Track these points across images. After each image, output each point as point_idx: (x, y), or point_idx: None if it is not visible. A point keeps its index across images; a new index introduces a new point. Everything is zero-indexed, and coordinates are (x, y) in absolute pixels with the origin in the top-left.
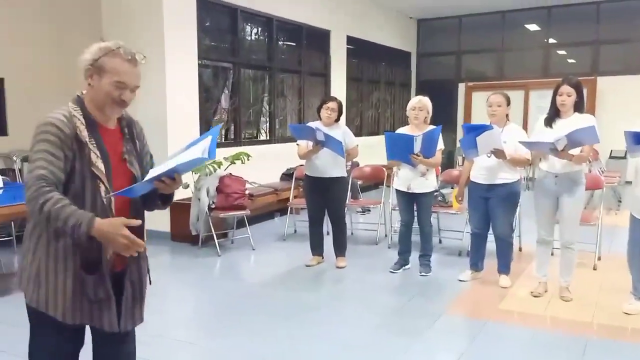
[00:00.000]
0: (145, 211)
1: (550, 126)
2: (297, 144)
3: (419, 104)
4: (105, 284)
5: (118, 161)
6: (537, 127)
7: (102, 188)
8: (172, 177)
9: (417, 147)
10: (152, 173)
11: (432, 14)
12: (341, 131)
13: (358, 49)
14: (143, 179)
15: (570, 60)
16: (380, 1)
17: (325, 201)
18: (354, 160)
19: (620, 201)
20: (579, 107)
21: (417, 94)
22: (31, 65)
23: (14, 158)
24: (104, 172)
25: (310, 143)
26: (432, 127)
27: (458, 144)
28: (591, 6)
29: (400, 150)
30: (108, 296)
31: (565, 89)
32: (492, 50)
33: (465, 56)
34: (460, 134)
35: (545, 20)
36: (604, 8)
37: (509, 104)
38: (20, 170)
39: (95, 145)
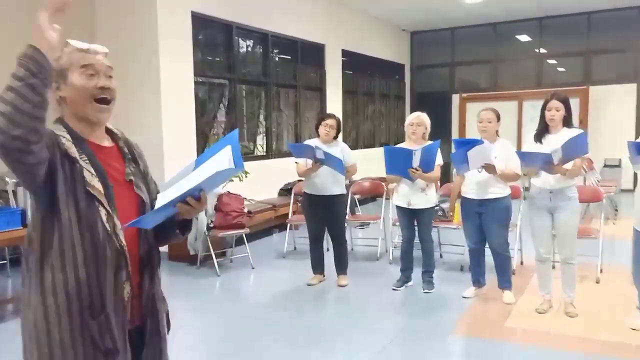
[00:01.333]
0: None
1: (540, 142)
2: (296, 162)
3: (417, 120)
4: (112, 333)
5: (121, 182)
6: (527, 143)
7: (103, 212)
8: (198, 196)
9: (416, 161)
10: (169, 195)
11: (425, 27)
12: (340, 148)
13: (353, 62)
14: (153, 206)
15: (562, 70)
16: (374, 14)
17: (325, 219)
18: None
19: (617, 210)
20: (567, 121)
21: (411, 106)
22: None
23: (7, 179)
24: (103, 192)
25: (309, 161)
26: (430, 142)
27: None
28: (582, 16)
29: (399, 164)
30: (115, 348)
31: (554, 103)
32: (485, 61)
33: (458, 68)
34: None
35: (536, 31)
36: (594, 18)
37: (499, 119)
38: (14, 192)
39: (87, 161)
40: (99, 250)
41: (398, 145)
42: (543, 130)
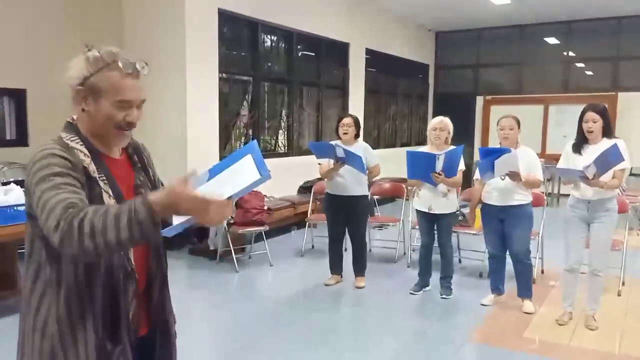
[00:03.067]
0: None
1: (579, 152)
2: (319, 163)
3: (440, 125)
4: (126, 354)
5: (131, 197)
6: (565, 152)
7: None
8: None
9: (439, 166)
10: None
11: (450, 27)
12: (361, 149)
13: (376, 61)
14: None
15: (590, 75)
16: (399, 13)
17: (346, 220)
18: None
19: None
20: (607, 132)
21: (434, 107)
22: (53, 75)
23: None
24: None
25: (332, 161)
26: (453, 147)
27: (477, 157)
28: (612, 21)
29: (422, 169)
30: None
31: (591, 115)
32: (510, 63)
33: (483, 69)
34: (478, 147)
35: (565, 35)
36: (625, 23)
37: (519, 126)
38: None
39: (105, 182)
40: (113, 272)
41: (420, 150)
42: (581, 141)
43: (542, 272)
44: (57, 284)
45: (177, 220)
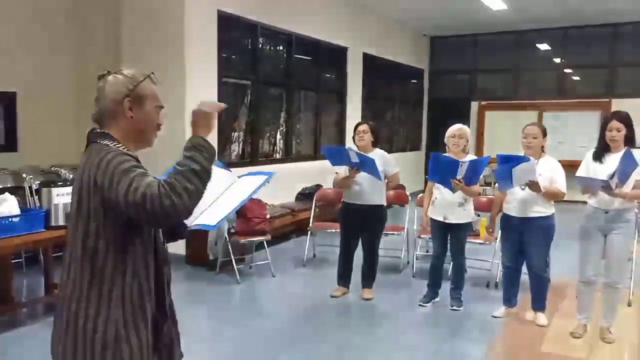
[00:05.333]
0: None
1: (600, 161)
2: (337, 172)
3: (459, 132)
4: (174, 325)
5: None
6: (585, 161)
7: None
8: None
9: (461, 173)
10: (226, 205)
11: (445, 32)
12: (379, 156)
13: (372, 66)
14: None
15: (585, 82)
16: (395, 18)
17: (361, 230)
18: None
19: None
20: (630, 141)
21: (429, 112)
22: (45, 79)
23: (24, 175)
24: None
25: (348, 169)
26: (473, 156)
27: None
28: (607, 28)
29: (443, 173)
30: (177, 339)
31: (615, 124)
32: (506, 69)
33: (478, 75)
34: (472, 152)
35: (560, 41)
36: (620, 30)
37: (545, 135)
38: (30, 188)
39: None
40: (160, 260)
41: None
42: (603, 149)
43: (549, 281)
44: (122, 272)
45: (213, 218)
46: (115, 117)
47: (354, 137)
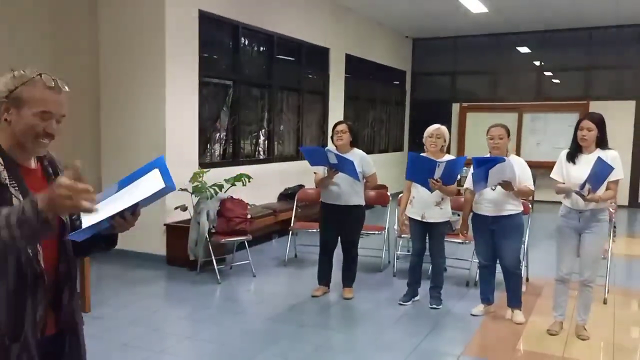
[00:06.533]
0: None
1: (573, 162)
2: (315, 172)
3: (437, 132)
4: (30, 352)
5: None
6: (559, 161)
7: None
8: (133, 211)
9: (438, 173)
10: (105, 211)
11: (427, 34)
12: (357, 157)
13: (355, 67)
14: (71, 224)
15: (563, 84)
16: (378, 20)
17: (340, 229)
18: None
19: (615, 227)
20: (601, 142)
21: (411, 113)
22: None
23: None
24: None
25: (327, 170)
26: (450, 156)
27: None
28: (584, 32)
29: (420, 173)
30: None
31: (586, 124)
32: (486, 71)
33: (459, 77)
34: (454, 153)
35: (539, 44)
36: (596, 34)
37: (509, 135)
38: None
39: (17, 188)
40: (21, 277)
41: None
42: (576, 150)
43: (527, 280)
44: None
45: (85, 223)
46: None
47: (332, 137)
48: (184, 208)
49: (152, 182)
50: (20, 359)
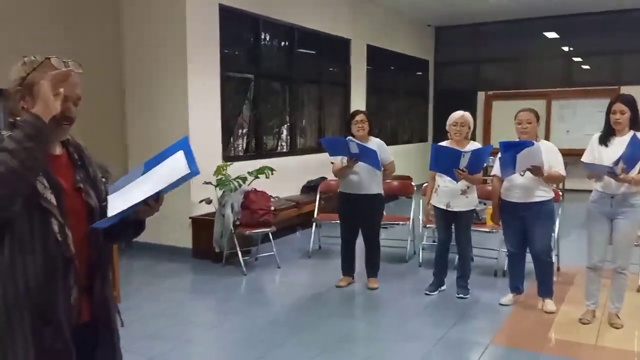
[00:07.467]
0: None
1: (606, 144)
2: (332, 162)
3: (461, 120)
4: (64, 336)
5: (70, 190)
6: (591, 144)
7: (55, 223)
8: (156, 197)
9: (464, 163)
10: (130, 198)
11: (450, 22)
12: (376, 145)
13: (377, 57)
14: (100, 209)
15: (592, 69)
16: (399, 9)
17: (360, 219)
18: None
19: None
20: (634, 123)
21: (434, 104)
22: None
23: None
24: (55, 204)
25: (345, 160)
26: (476, 144)
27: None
28: (613, 15)
29: (445, 164)
30: (67, 350)
31: (619, 106)
32: (511, 59)
33: (483, 65)
34: (479, 143)
35: (566, 29)
36: (626, 17)
37: (538, 119)
38: None
39: (42, 174)
40: (50, 260)
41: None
42: (608, 133)
43: (558, 269)
44: None
45: (110, 212)
46: (17, 108)
47: (349, 127)
48: (208, 201)
49: (176, 165)
50: (54, 342)
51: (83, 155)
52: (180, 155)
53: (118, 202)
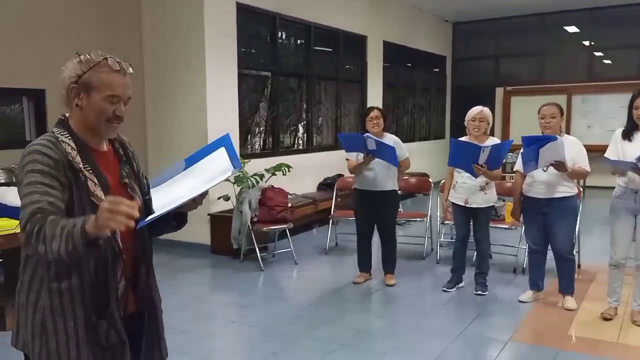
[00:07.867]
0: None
1: (629, 139)
2: (347, 159)
3: (480, 115)
4: (117, 327)
5: (116, 186)
6: (614, 139)
7: None
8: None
9: (483, 158)
10: (177, 196)
11: (467, 17)
12: (392, 142)
13: (393, 53)
14: (146, 203)
15: (615, 64)
16: (416, 5)
17: (376, 215)
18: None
19: None
20: None
21: (452, 100)
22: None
23: None
24: (104, 199)
25: (360, 156)
26: (495, 139)
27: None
28: (634, 8)
29: (464, 159)
30: (121, 341)
31: None
32: (531, 53)
33: (502, 60)
34: (498, 140)
35: (587, 23)
36: None
37: (562, 114)
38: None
39: (90, 171)
40: (101, 255)
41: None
42: (631, 127)
43: (579, 266)
44: (47, 262)
45: (158, 208)
46: (69, 105)
47: (364, 124)
48: (226, 198)
49: (218, 162)
50: (109, 334)
51: (127, 150)
52: (222, 151)
53: (163, 198)
